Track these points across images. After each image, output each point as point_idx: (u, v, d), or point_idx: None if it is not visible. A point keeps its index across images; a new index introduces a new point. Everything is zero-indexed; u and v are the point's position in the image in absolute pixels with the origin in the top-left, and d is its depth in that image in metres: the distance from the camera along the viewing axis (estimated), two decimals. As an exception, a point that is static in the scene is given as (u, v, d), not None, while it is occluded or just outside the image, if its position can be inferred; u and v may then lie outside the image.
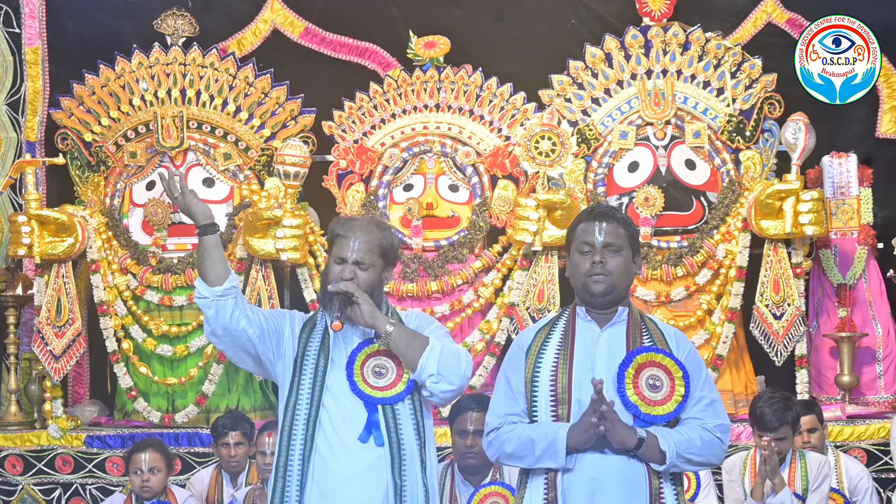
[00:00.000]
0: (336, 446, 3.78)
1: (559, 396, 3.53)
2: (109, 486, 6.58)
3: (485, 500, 4.94)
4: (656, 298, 6.51)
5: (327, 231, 3.97)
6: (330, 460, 3.78)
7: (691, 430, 3.52)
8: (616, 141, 6.74)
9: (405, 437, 3.82)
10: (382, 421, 3.81)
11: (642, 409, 3.49)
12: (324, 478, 3.76)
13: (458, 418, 5.11)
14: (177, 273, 6.78)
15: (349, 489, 3.76)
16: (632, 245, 3.63)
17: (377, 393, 3.82)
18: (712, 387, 3.64)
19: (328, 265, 3.94)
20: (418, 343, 3.83)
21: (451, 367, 3.81)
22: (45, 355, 6.71)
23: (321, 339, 3.90)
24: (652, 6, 6.80)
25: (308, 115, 6.96)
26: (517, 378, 3.63)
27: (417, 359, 3.80)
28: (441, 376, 3.80)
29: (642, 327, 3.62)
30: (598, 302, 3.60)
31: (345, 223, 3.96)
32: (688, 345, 3.66)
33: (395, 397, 3.83)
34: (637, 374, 3.51)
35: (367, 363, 3.85)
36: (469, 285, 6.76)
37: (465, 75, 6.93)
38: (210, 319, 3.86)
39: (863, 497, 5.52)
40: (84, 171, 7.09)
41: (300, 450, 3.79)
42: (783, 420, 5.14)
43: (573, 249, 3.64)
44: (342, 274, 3.84)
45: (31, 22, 7.39)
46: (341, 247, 3.88)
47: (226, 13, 7.35)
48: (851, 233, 6.70)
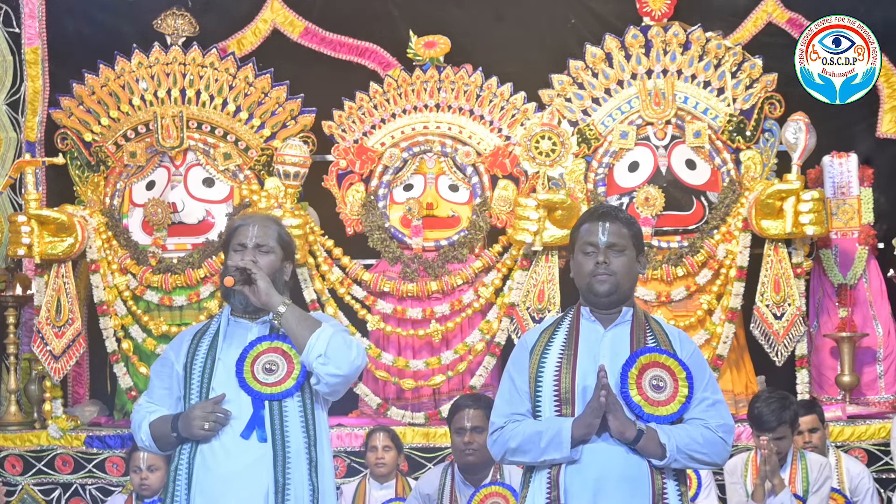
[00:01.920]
0: (216, 446, 3.74)
1: (563, 396, 3.53)
2: (109, 486, 6.57)
3: (485, 500, 4.93)
4: (656, 298, 6.51)
5: (223, 234, 3.99)
6: (210, 460, 3.74)
7: (692, 428, 3.52)
8: (616, 141, 6.74)
9: (291, 434, 3.76)
10: (268, 418, 3.76)
11: (646, 410, 3.48)
12: (205, 479, 3.72)
13: (455, 416, 5.11)
14: (177, 273, 6.78)
15: (229, 489, 3.71)
16: (635, 245, 3.63)
17: (265, 389, 3.77)
18: (716, 388, 3.64)
19: (226, 259, 3.89)
20: (309, 324, 3.80)
21: (340, 352, 3.76)
22: (45, 355, 6.70)
23: (210, 342, 3.86)
24: (652, 6, 6.80)
25: (308, 115, 6.96)
26: (521, 378, 3.62)
27: (307, 338, 3.75)
28: (328, 358, 3.74)
29: (646, 328, 3.62)
30: (603, 302, 3.60)
31: (241, 218, 4.00)
32: (691, 346, 3.66)
33: (282, 393, 3.78)
34: (640, 374, 3.51)
35: (258, 360, 3.80)
36: (469, 285, 6.75)
37: (465, 75, 6.93)
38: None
39: (863, 497, 5.51)
40: (84, 171, 7.08)
41: (187, 452, 3.77)
42: (781, 419, 5.13)
43: (577, 250, 3.63)
44: (242, 258, 3.81)
45: (31, 22, 7.39)
46: (240, 234, 3.85)
47: (226, 13, 7.35)
48: (852, 233, 6.70)
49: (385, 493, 5.66)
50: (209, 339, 3.87)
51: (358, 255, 6.93)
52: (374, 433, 5.77)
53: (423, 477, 5.49)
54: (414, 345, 6.74)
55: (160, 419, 3.85)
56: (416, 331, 6.68)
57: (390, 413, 6.62)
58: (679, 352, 3.58)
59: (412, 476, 5.92)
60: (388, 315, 6.73)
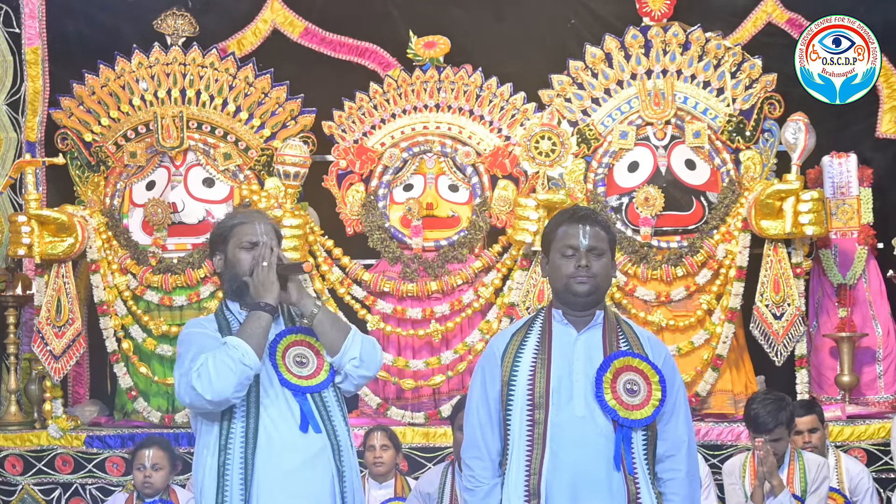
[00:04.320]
0: (276, 441, 3.71)
1: (537, 401, 3.51)
2: (109, 486, 6.58)
3: (485, 500, 4.93)
4: (656, 298, 6.52)
5: (215, 232, 3.87)
6: (272, 456, 3.71)
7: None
8: (616, 141, 6.74)
9: (337, 424, 3.80)
10: (315, 409, 3.77)
11: (620, 414, 3.49)
12: (268, 474, 3.69)
13: (459, 414, 5.11)
14: (177, 273, 6.79)
15: (297, 481, 3.70)
16: (611, 248, 3.64)
17: (303, 382, 3.78)
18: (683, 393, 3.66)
19: (232, 256, 3.81)
20: (341, 325, 3.84)
21: (371, 354, 3.84)
22: (45, 355, 6.71)
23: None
24: (652, 6, 6.80)
25: (308, 115, 6.96)
26: (493, 386, 3.61)
27: (342, 341, 3.79)
28: (362, 361, 3.80)
29: (618, 330, 3.62)
30: (581, 302, 3.59)
31: (237, 215, 3.91)
32: (663, 349, 3.67)
33: (320, 385, 3.80)
34: (615, 378, 3.52)
35: (286, 354, 3.81)
36: (469, 285, 6.76)
37: (465, 75, 6.93)
38: (239, 387, 3.66)
39: (863, 497, 5.52)
40: (84, 171, 7.09)
41: (240, 447, 3.70)
42: (778, 421, 5.14)
43: (554, 251, 3.62)
44: (261, 255, 3.76)
45: (31, 22, 7.39)
46: (247, 233, 3.80)
47: (226, 13, 7.35)
48: (851, 233, 6.70)
49: (384, 493, 5.66)
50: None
51: (358, 255, 6.93)
52: (372, 432, 5.78)
53: (423, 476, 5.49)
54: (414, 345, 6.75)
55: (238, 332, 3.69)
56: (415, 331, 6.69)
57: (390, 413, 6.63)
58: (650, 355, 3.59)
59: (412, 476, 5.92)
60: (388, 315, 6.73)
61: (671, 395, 3.57)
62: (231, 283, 3.83)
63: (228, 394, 3.62)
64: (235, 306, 3.85)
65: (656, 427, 3.56)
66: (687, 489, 3.58)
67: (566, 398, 3.50)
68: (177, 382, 3.71)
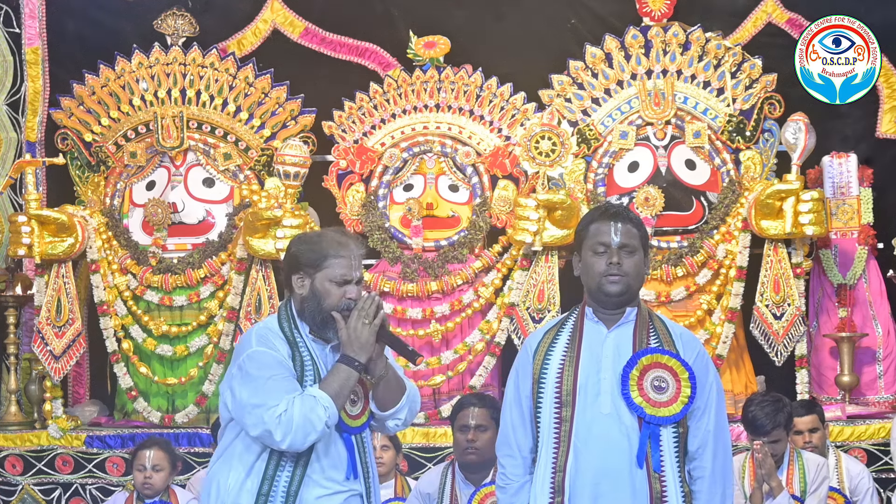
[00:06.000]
0: (322, 483, 3.60)
1: (563, 398, 3.53)
2: (109, 486, 6.58)
3: (485, 499, 4.94)
4: (656, 298, 6.51)
5: (306, 255, 3.66)
6: (315, 491, 3.60)
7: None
8: (616, 141, 6.74)
9: (372, 467, 3.73)
10: (356, 450, 3.68)
11: (647, 411, 3.48)
12: None
13: (459, 414, 5.12)
14: (177, 273, 6.79)
15: None
16: (643, 245, 3.62)
17: (350, 421, 3.66)
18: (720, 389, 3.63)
19: (321, 287, 3.63)
20: (401, 386, 3.72)
21: (413, 415, 3.78)
22: (45, 355, 6.71)
23: (311, 364, 3.65)
24: (652, 6, 6.80)
25: (308, 115, 6.96)
26: (525, 383, 3.63)
27: (395, 403, 3.70)
28: (404, 424, 3.76)
29: (650, 327, 3.61)
30: (613, 302, 3.59)
31: (333, 242, 3.67)
32: (696, 346, 3.64)
33: (363, 426, 3.71)
34: (642, 375, 3.51)
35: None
36: (469, 285, 6.76)
37: (465, 75, 6.93)
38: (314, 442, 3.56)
39: (863, 497, 5.52)
40: (84, 171, 7.09)
41: (285, 481, 3.57)
42: (776, 422, 5.14)
43: (586, 248, 3.60)
44: (365, 310, 3.59)
45: (31, 22, 7.39)
46: (343, 270, 3.63)
47: (226, 13, 7.35)
48: (851, 233, 6.70)
49: (384, 493, 5.64)
50: (308, 360, 3.64)
51: (358, 255, 6.92)
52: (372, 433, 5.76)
53: (423, 476, 5.49)
54: (414, 345, 6.74)
55: (322, 382, 3.57)
56: (416, 331, 6.69)
57: (390, 413, 6.62)
58: (682, 352, 3.58)
59: (412, 476, 5.92)
60: (388, 315, 6.71)
61: (702, 393, 3.55)
62: (315, 314, 3.64)
63: (303, 447, 3.53)
64: (305, 328, 3.66)
65: (687, 424, 3.55)
66: (713, 487, 3.55)
67: (593, 395, 3.50)
68: (246, 410, 3.52)
